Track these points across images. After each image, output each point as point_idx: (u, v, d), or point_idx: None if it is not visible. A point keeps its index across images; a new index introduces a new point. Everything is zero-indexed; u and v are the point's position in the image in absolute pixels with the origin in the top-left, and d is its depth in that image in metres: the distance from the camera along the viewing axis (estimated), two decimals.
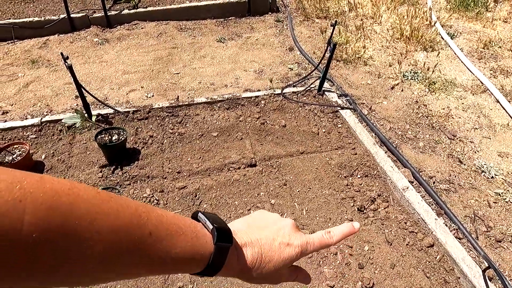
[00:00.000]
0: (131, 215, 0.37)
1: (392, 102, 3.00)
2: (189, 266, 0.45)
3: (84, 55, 3.74)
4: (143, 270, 0.40)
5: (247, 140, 2.55)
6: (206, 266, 0.45)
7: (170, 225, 0.41)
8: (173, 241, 0.41)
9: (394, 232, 1.95)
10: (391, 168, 2.22)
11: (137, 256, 0.37)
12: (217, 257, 0.45)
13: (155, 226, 0.39)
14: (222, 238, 0.46)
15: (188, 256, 0.43)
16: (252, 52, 3.85)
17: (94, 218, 0.33)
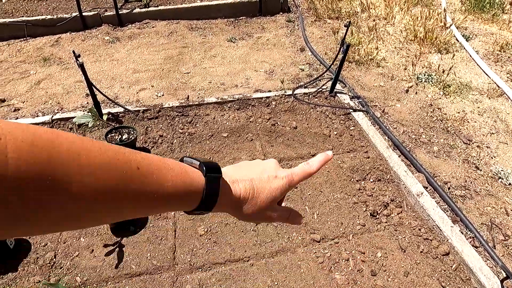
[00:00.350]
0: (115, 152, 0.36)
1: (406, 105, 2.94)
2: (184, 201, 0.45)
3: (95, 53, 3.75)
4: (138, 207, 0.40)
5: (257, 141, 2.52)
6: (201, 200, 0.46)
7: (156, 161, 0.41)
8: (163, 176, 0.41)
9: (407, 238, 1.90)
10: (405, 172, 2.17)
11: (130, 192, 0.37)
12: (210, 188, 0.46)
13: (141, 162, 0.39)
14: (210, 170, 0.47)
15: (180, 189, 0.43)
16: (263, 52, 3.81)
17: (79, 153, 0.32)
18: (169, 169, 0.42)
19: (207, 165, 0.48)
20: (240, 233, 1.94)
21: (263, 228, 1.96)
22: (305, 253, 1.83)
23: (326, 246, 1.86)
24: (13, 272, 1.75)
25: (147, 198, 0.39)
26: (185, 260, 1.80)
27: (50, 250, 1.85)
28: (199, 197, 0.46)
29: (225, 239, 1.91)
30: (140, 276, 1.73)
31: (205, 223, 1.98)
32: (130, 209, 0.39)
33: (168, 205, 0.43)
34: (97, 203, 0.34)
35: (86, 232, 1.94)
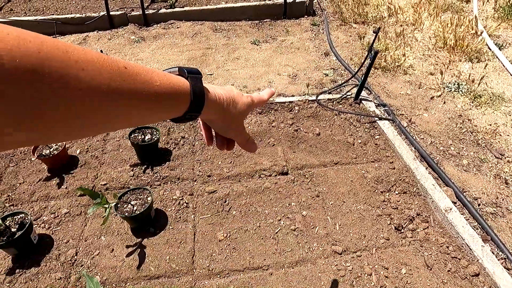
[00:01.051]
0: (98, 54, 0.36)
1: (434, 115, 2.84)
2: (175, 102, 0.46)
3: (120, 52, 3.81)
4: (134, 106, 0.40)
5: (279, 146, 2.49)
6: (190, 101, 0.48)
7: (139, 65, 0.42)
8: (150, 76, 0.41)
9: (434, 256, 1.82)
10: (433, 186, 2.08)
11: (124, 89, 0.37)
12: (195, 86, 0.48)
13: (126, 63, 0.39)
14: (191, 72, 0.50)
15: (169, 89, 0.44)
16: (287, 55, 3.77)
17: (66, 50, 0.32)
18: (153, 71, 0.43)
19: (187, 69, 0.51)
20: (260, 240, 1.91)
21: (283, 236, 1.92)
22: (326, 265, 1.78)
23: (348, 259, 1.81)
24: (35, 267, 1.77)
25: (140, 97, 0.40)
26: (203, 265, 1.79)
27: (72, 247, 1.87)
28: (188, 98, 0.48)
29: (244, 245, 1.88)
30: (158, 279, 1.73)
31: (224, 228, 1.96)
32: (126, 108, 0.39)
33: (160, 106, 0.44)
34: (95, 101, 0.34)
35: (107, 231, 1.95)
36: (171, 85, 0.45)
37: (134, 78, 0.39)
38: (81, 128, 0.36)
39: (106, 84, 0.35)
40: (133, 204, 1.89)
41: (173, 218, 2.02)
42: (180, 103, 0.48)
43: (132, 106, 0.40)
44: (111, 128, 0.42)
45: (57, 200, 2.12)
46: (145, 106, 0.42)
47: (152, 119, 0.46)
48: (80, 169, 2.33)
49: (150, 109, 0.43)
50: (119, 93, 0.37)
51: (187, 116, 0.50)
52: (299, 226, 1.97)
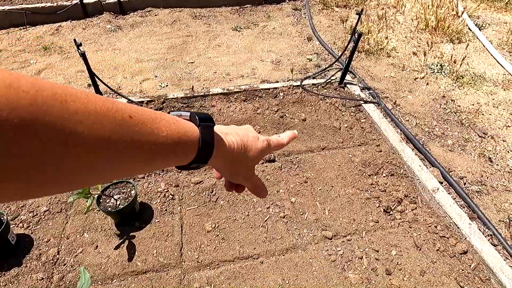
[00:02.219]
0: (103, 100, 0.33)
1: (418, 97, 2.84)
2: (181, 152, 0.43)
3: (96, 42, 3.65)
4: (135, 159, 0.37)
5: (265, 134, 2.44)
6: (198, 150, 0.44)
7: (147, 112, 0.39)
8: (156, 125, 0.38)
9: (423, 236, 1.83)
10: (420, 167, 2.09)
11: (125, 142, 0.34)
12: (205, 136, 0.45)
13: (133, 111, 0.36)
14: (203, 120, 0.46)
15: (176, 139, 0.41)
16: (269, 41, 3.70)
17: (65, 99, 0.29)
18: (161, 119, 0.40)
19: (199, 115, 0.47)
20: (249, 229, 1.88)
21: (272, 224, 1.89)
22: (317, 251, 1.77)
23: (338, 244, 1.80)
24: (15, 268, 1.69)
25: (143, 149, 0.37)
26: (192, 257, 1.74)
27: (53, 246, 1.79)
28: (195, 147, 0.45)
29: (233, 235, 1.85)
30: (146, 274, 1.67)
31: (212, 219, 1.92)
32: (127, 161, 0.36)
33: (165, 157, 0.41)
34: (91, 154, 0.31)
35: (89, 227, 1.88)
36: (179, 135, 0.42)
37: (138, 128, 0.36)
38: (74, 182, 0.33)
39: (107, 137, 0.32)
40: (116, 198, 1.82)
41: (159, 211, 1.96)
42: (186, 154, 0.44)
43: (133, 158, 0.37)
44: (109, 179, 0.38)
45: (35, 198, 2.02)
46: (148, 157, 0.39)
47: (155, 168, 0.42)
48: None
49: (153, 160, 0.40)
50: (119, 146, 0.34)
51: (192, 166, 0.47)
52: (288, 213, 1.94)
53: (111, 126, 0.32)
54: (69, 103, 0.29)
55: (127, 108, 0.36)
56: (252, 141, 0.55)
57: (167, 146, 0.40)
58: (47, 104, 0.27)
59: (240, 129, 0.56)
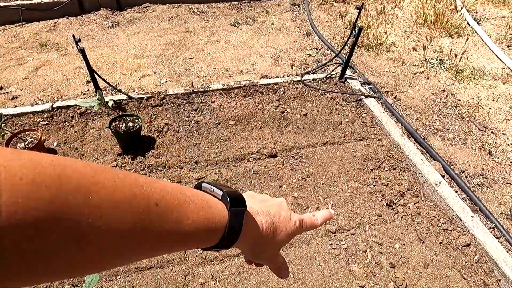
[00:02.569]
0: (131, 185, 0.32)
1: (418, 91, 2.84)
2: (205, 239, 0.40)
3: (94, 38, 3.62)
4: (155, 248, 0.35)
5: (266, 129, 2.43)
6: (222, 236, 0.42)
7: (176, 194, 0.37)
8: (183, 212, 0.36)
9: (426, 229, 1.84)
10: (421, 161, 2.09)
11: (147, 232, 0.32)
12: (233, 223, 0.42)
13: (160, 196, 0.34)
14: (235, 203, 0.43)
15: (202, 226, 0.39)
16: (268, 37, 3.69)
17: (89, 190, 0.27)
18: (189, 203, 0.38)
19: (231, 197, 0.43)
20: None
21: None
22: (321, 245, 1.77)
23: (342, 238, 1.80)
24: None
25: (164, 239, 0.35)
26: (196, 252, 1.74)
27: None
28: (220, 234, 0.41)
29: None
30: (150, 270, 1.67)
31: None
32: (145, 252, 0.34)
33: (186, 245, 0.39)
34: (108, 248, 0.29)
35: None
36: (205, 223, 0.39)
37: (164, 218, 0.34)
38: (89, 271, 0.31)
39: (127, 230, 0.30)
40: None
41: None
42: (208, 240, 0.41)
43: (154, 248, 0.35)
44: (120, 265, 0.35)
45: None
46: (167, 246, 0.37)
47: (172, 252, 0.41)
48: None
49: (172, 249, 0.38)
50: (138, 237, 0.32)
51: (213, 249, 0.44)
52: (292, 208, 1.94)
53: (132, 218, 0.31)
54: (92, 195, 0.27)
55: (155, 192, 0.34)
56: (283, 222, 0.50)
57: (189, 234, 0.38)
58: (68, 199, 0.25)
59: (272, 206, 0.51)
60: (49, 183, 0.24)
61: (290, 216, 0.52)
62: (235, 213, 0.42)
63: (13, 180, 0.23)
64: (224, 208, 0.42)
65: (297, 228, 0.52)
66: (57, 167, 0.26)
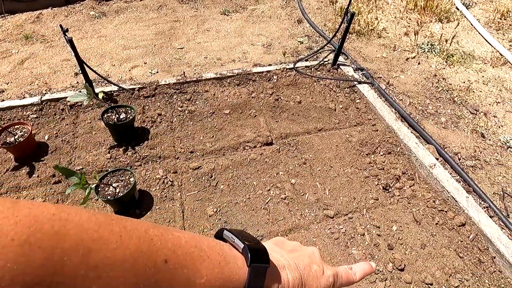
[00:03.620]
0: (139, 239, 0.29)
1: (410, 76, 2.86)
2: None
3: (81, 29, 3.52)
4: None
5: (261, 117, 2.42)
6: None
7: (190, 248, 0.33)
8: (196, 268, 0.33)
9: (422, 211, 1.87)
10: (416, 144, 2.12)
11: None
12: (253, 282, 0.37)
13: (171, 251, 0.31)
14: (256, 258, 0.38)
15: (217, 285, 0.35)
16: (259, 25, 3.65)
17: (89, 249, 0.25)
18: (204, 258, 0.34)
19: (253, 251, 0.38)
20: (251, 211, 1.88)
21: (274, 206, 1.90)
22: (320, 230, 1.78)
23: (340, 222, 1.82)
24: None
25: None
26: None
27: None
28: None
29: (236, 218, 1.84)
30: None
31: (213, 203, 1.91)
32: None
33: None
34: None
35: None
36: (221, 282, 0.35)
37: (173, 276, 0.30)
38: None
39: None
40: (115, 187, 1.78)
41: (159, 197, 1.94)
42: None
43: None
44: None
45: (29, 190, 1.97)
46: None
47: None
48: (51, 155, 2.16)
49: None
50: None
51: None
52: (289, 194, 1.95)
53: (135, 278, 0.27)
54: (92, 254, 0.25)
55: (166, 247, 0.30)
56: (313, 277, 0.44)
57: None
58: (63, 261, 0.23)
59: (302, 258, 0.46)
60: (44, 244, 0.22)
61: (322, 271, 0.46)
62: (256, 271, 0.38)
63: (4, 241, 0.21)
64: (244, 264, 0.38)
65: (330, 283, 0.46)
66: (56, 223, 0.24)
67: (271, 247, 0.46)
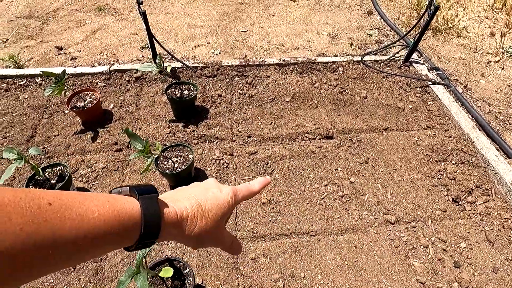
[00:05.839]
0: (15, 191, 0.30)
1: (491, 82, 2.58)
2: (123, 233, 0.38)
3: (149, 5, 3.60)
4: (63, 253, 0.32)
5: (322, 109, 2.32)
6: (141, 228, 0.39)
7: (74, 195, 0.35)
8: (86, 207, 0.35)
9: (496, 231, 1.68)
10: (496, 157, 1.90)
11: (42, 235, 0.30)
12: (148, 210, 0.40)
13: (55, 197, 0.33)
14: (144, 191, 0.42)
15: (112, 219, 0.36)
16: (326, 13, 3.50)
17: None
18: (92, 199, 0.36)
19: (139, 187, 0.42)
20: (305, 205, 1.80)
21: (330, 202, 1.81)
22: (378, 234, 1.67)
23: (401, 229, 1.69)
24: None
25: (70, 238, 0.32)
26: (247, 227, 1.70)
27: None
28: (138, 225, 0.39)
29: (289, 209, 1.78)
30: None
31: (267, 191, 1.86)
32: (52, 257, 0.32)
33: (102, 243, 0.36)
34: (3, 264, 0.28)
35: None
36: (115, 214, 0.37)
37: (60, 214, 0.32)
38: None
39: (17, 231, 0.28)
40: (174, 161, 1.79)
41: (213, 178, 1.92)
42: (128, 233, 0.39)
43: (60, 252, 0.32)
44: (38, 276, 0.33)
45: (93, 154, 2.05)
46: (79, 247, 0.34)
47: (94, 255, 0.37)
48: (115, 123, 2.23)
49: (86, 248, 0.35)
50: (35, 242, 0.29)
51: (138, 245, 0.41)
52: (347, 193, 1.85)
53: (23, 218, 0.29)
54: None
55: (47, 195, 0.32)
56: (212, 198, 0.48)
57: (99, 229, 0.35)
58: None
59: (196, 188, 0.50)
60: None
61: (220, 189, 0.50)
62: (148, 200, 0.41)
63: None
64: (134, 200, 0.41)
65: (231, 197, 0.50)
66: None
67: (165, 193, 0.49)
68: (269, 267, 1.55)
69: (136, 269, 0.99)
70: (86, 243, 0.34)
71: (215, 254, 1.60)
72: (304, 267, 1.55)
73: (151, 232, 0.40)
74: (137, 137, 1.46)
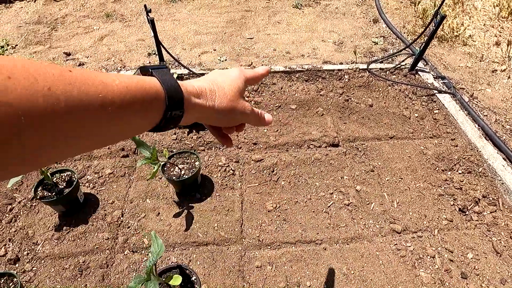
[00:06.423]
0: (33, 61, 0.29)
1: (498, 91, 2.58)
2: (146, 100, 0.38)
3: (156, 12, 3.64)
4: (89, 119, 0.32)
5: (328, 116, 2.32)
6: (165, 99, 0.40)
7: (90, 71, 0.34)
8: (105, 76, 0.35)
9: (504, 241, 1.67)
10: (503, 167, 1.90)
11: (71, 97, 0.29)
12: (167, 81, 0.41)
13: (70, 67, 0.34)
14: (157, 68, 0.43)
15: (133, 86, 0.36)
16: (331, 21, 3.52)
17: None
18: (108, 74, 0.36)
19: (150, 66, 0.43)
20: (311, 213, 1.80)
21: (336, 211, 1.81)
22: (384, 244, 1.66)
23: (408, 239, 1.68)
24: (82, 226, 1.74)
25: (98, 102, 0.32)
26: (253, 235, 1.70)
27: (118, 208, 1.81)
28: (161, 94, 0.40)
29: (295, 217, 1.78)
30: (207, 246, 1.66)
31: (273, 198, 1.86)
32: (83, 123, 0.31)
33: (130, 111, 0.36)
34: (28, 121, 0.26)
35: (151, 194, 1.89)
36: (135, 83, 0.37)
37: (84, 80, 0.31)
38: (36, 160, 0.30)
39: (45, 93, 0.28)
40: (181, 168, 1.80)
41: (219, 185, 1.93)
42: (152, 103, 0.39)
43: (90, 116, 0.32)
44: (61, 157, 0.33)
45: (100, 160, 2.06)
46: (108, 114, 0.34)
47: (125, 130, 0.38)
48: None
49: (115, 117, 0.35)
50: (66, 103, 0.29)
51: (168, 117, 0.41)
52: (353, 201, 1.84)
53: (48, 81, 0.28)
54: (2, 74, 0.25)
55: (64, 66, 0.32)
56: (222, 75, 0.53)
57: (125, 95, 0.35)
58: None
59: (202, 77, 0.53)
60: None
61: (227, 69, 0.55)
62: (161, 72, 0.42)
63: None
64: (153, 77, 0.41)
65: (239, 71, 0.55)
66: None
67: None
68: (275, 276, 1.55)
69: (147, 276, 0.99)
70: (114, 110, 0.34)
71: (221, 261, 1.60)
72: (310, 276, 1.55)
73: (174, 100, 0.41)
74: (145, 144, 1.47)
